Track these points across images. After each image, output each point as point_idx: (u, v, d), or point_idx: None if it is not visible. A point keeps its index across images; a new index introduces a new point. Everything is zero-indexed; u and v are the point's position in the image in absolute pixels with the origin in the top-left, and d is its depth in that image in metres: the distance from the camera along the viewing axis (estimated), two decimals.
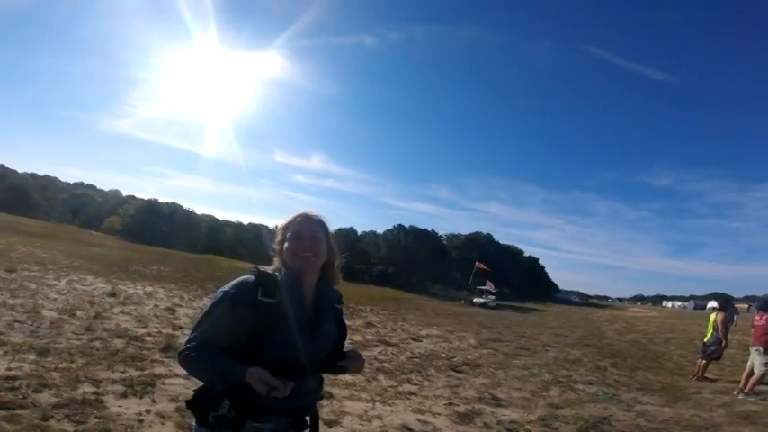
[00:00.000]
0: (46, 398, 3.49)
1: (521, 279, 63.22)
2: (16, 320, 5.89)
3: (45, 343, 5.05)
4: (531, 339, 13.42)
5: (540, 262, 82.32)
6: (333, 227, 1.63)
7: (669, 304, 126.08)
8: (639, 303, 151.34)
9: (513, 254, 73.00)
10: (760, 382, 6.79)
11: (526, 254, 78.86)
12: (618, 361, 10.04)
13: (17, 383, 3.65)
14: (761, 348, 6.65)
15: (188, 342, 1.38)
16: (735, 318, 8.75)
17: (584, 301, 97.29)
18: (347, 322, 1.70)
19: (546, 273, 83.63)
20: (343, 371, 1.59)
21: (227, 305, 1.38)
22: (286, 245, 1.49)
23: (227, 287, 1.43)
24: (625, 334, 18.51)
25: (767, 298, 7.30)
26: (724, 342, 7.93)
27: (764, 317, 6.75)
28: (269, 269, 1.51)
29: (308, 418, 1.57)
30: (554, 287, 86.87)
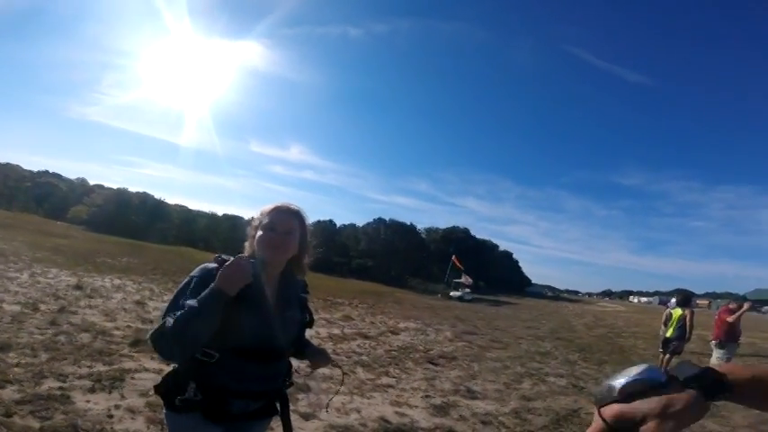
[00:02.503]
0: (8, 394, 3.34)
1: (496, 273, 64.29)
2: None
3: (6, 338, 4.81)
4: (505, 332, 13.72)
5: (515, 256, 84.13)
6: (311, 220, 1.64)
7: (635, 299, 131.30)
8: (608, 298, 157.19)
9: (488, 248, 74.15)
10: None
11: (501, 248, 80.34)
12: (587, 354, 10.38)
13: None
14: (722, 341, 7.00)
15: (163, 319, 1.35)
16: None
17: (555, 295, 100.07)
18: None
19: (520, 267, 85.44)
20: (303, 357, 1.69)
21: (197, 287, 1.38)
22: (259, 233, 1.49)
23: (193, 272, 1.44)
24: (594, 328, 19.15)
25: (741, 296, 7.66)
26: (688, 336, 8.29)
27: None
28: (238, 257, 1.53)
29: (277, 405, 1.59)
30: (527, 281, 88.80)
